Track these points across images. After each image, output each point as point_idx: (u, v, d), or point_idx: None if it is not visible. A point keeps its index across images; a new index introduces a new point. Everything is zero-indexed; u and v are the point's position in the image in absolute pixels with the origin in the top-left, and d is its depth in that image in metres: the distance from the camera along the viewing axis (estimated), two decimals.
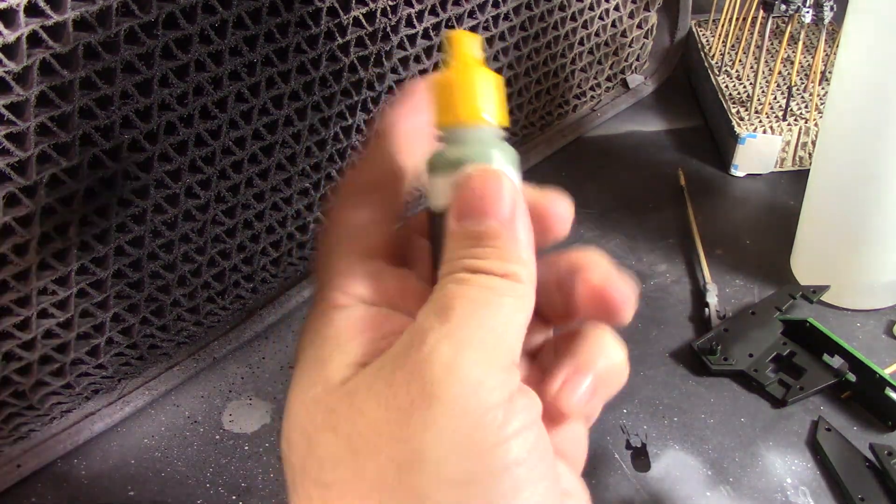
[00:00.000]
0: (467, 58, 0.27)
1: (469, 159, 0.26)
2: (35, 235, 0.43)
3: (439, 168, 0.26)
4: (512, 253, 0.24)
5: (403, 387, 0.22)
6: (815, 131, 0.72)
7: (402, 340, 0.24)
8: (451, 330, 0.23)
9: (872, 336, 0.58)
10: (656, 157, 0.77)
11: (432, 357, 0.22)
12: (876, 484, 0.48)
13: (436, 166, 0.27)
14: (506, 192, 0.25)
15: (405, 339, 0.23)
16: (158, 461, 0.51)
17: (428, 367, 0.22)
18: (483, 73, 0.27)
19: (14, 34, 0.37)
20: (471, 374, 0.22)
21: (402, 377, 0.22)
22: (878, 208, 0.55)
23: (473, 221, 0.25)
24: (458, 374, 0.22)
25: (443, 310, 0.23)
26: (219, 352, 0.57)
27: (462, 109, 0.26)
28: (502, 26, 0.65)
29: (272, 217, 0.57)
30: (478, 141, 0.26)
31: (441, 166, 0.26)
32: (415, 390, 0.22)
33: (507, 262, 0.24)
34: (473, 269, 0.24)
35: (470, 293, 0.23)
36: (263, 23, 0.48)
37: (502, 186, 0.25)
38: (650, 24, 0.82)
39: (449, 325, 0.23)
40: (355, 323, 0.25)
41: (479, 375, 0.22)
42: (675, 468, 0.50)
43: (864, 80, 0.52)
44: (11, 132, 0.39)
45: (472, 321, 0.23)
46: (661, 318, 0.60)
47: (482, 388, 0.22)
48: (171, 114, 0.46)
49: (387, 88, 0.58)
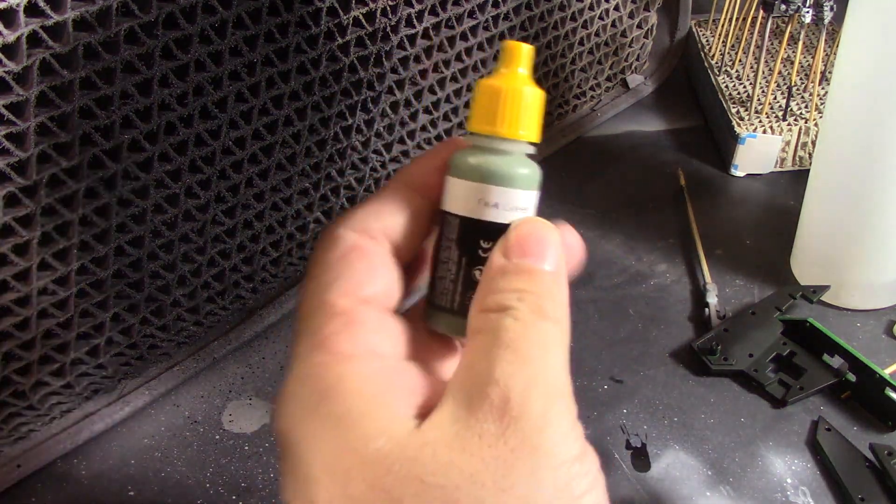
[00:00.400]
0: (517, 70, 0.27)
1: (498, 172, 0.26)
2: (35, 235, 0.43)
3: (462, 171, 0.26)
4: (562, 301, 0.25)
5: (500, 438, 0.22)
6: (815, 131, 0.72)
7: (469, 386, 0.23)
8: (535, 377, 0.23)
9: (872, 336, 0.58)
10: (656, 157, 0.77)
11: (527, 407, 0.22)
12: (876, 484, 0.48)
13: (459, 168, 0.27)
14: (558, 245, 0.26)
15: (477, 385, 0.23)
16: (158, 461, 0.51)
17: (525, 417, 0.22)
18: (530, 88, 0.27)
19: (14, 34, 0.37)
20: (562, 424, 0.23)
21: (496, 428, 0.22)
22: (878, 208, 0.55)
23: (532, 260, 0.25)
24: (553, 424, 0.22)
25: (514, 351, 0.23)
26: (219, 352, 0.57)
27: (499, 119, 0.26)
28: (502, 26, 0.65)
29: (272, 217, 0.57)
30: (506, 155, 0.26)
31: (464, 169, 0.26)
32: (514, 441, 0.22)
33: (560, 308, 0.24)
34: (537, 309, 0.24)
35: (538, 336, 0.23)
36: (263, 23, 0.48)
37: (556, 239, 0.26)
38: (650, 24, 0.82)
39: (529, 371, 0.23)
40: (380, 375, 0.24)
41: (567, 426, 0.23)
42: (675, 468, 0.50)
43: (864, 80, 0.52)
44: (11, 132, 0.39)
45: (549, 368, 0.23)
46: (661, 318, 0.60)
47: (569, 438, 0.23)
48: (171, 114, 0.46)
49: (387, 88, 0.58)
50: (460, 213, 0.26)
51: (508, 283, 0.25)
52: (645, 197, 0.72)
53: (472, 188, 0.26)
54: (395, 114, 0.61)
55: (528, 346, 0.23)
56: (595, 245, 0.67)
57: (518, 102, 0.27)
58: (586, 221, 0.69)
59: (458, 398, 0.23)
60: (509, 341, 0.23)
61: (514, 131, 0.26)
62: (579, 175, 0.75)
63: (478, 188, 0.26)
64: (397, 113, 0.61)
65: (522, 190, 0.26)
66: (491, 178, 0.26)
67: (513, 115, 0.26)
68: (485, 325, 0.24)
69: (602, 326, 0.60)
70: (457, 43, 0.62)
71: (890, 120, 0.51)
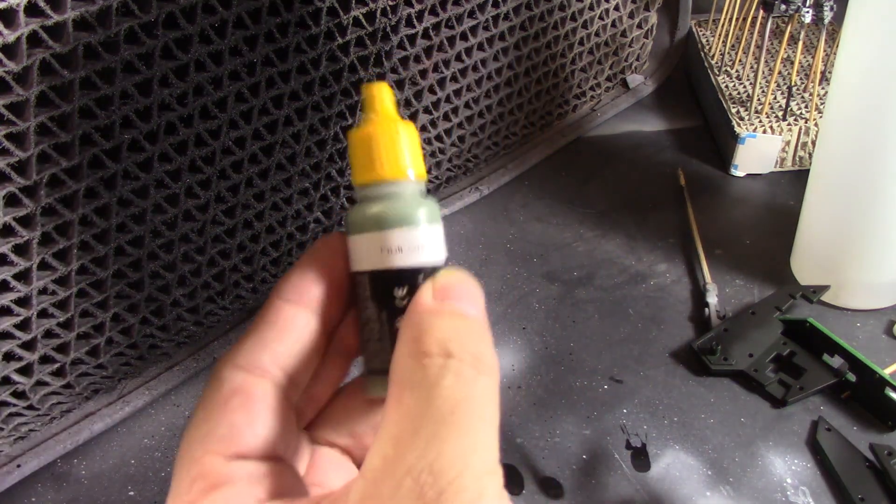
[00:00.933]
0: (384, 110, 0.26)
1: (393, 215, 0.25)
2: (35, 235, 0.43)
3: (357, 225, 0.25)
4: (493, 351, 0.23)
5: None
6: (815, 131, 0.72)
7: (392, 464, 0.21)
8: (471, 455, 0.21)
9: (872, 336, 0.58)
10: (656, 157, 0.77)
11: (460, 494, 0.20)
12: (876, 484, 0.48)
13: (354, 224, 0.25)
14: (481, 294, 0.24)
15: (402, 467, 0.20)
16: (158, 461, 0.51)
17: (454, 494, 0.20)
18: (401, 126, 0.26)
19: (14, 34, 0.37)
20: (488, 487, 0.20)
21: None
22: (878, 208, 0.55)
23: (464, 304, 0.23)
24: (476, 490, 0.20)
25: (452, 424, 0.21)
26: (219, 352, 0.57)
27: (383, 165, 0.25)
28: (502, 26, 0.65)
29: (272, 217, 0.57)
30: (401, 197, 0.25)
31: (359, 223, 0.25)
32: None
33: (493, 358, 0.23)
34: (475, 361, 0.22)
35: (479, 398, 0.21)
36: (263, 23, 0.48)
37: (480, 289, 0.24)
38: (650, 24, 0.82)
39: (466, 445, 0.21)
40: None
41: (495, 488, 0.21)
42: (675, 468, 0.50)
43: (864, 80, 0.52)
44: (11, 132, 0.39)
45: (486, 438, 0.21)
46: (661, 318, 0.60)
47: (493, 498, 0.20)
48: (171, 114, 0.46)
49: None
50: (367, 268, 0.25)
51: (442, 324, 0.23)
52: (645, 197, 0.72)
53: (372, 239, 0.25)
54: None
55: (468, 415, 0.21)
56: (595, 245, 0.67)
57: (393, 141, 0.25)
58: (586, 221, 0.69)
59: (376, 479, 0.21)
60: (448, 410, 0.21)
61: (400, 171, 0.25)
62: (579, 175, 0.75)
63: (377, 237, 0.25)
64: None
65: (423, 226, 0.25)
66: (387, 223, 0.25)
67: (390, 155, 0.25)
68: (416, 377, 0.22)
69: (602, 326, 0.60)
70: (457, 43, 0.62)
71: (890, 120, 0.51)
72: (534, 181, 0.74)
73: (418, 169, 0.26)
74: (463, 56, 0.64)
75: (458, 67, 0.64)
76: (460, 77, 0.65)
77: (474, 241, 0.68)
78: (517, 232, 0.68)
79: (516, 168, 0.75)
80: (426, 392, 0.21)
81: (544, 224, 0.69)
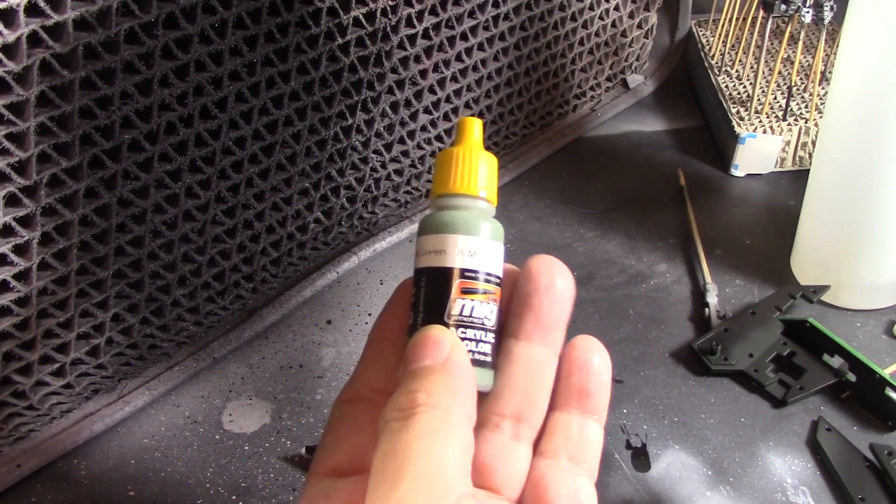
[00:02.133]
0: (471, 139, 0.29)
1: (460, 222, 0.28)
2: (35, 235, 0.43)
3: (428, 229, 0.28)
4: (445, 386, 0.25)
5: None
6: (815, 131, 0.72)
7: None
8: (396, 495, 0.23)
9: (872, 336, 0.58)
10: (656, 157, 0.77)
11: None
12: (876, 484, 0.48)
13: (426, 227, 0.28)
14: (445, 337, 0.26)
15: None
16: (158, 461, 0.51)
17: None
18: (482, 153, 0.29)
19: (14, 34, 0.37)
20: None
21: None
22: (878, 208, 0.55)
23: (413, 364, 0.26)
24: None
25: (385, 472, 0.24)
26: (219, 352, 0.57)
27: (459, 180, 0.29)
28: (502, 26, 0.65)
29: (272, 217, 0.57)
30: (468, 209, 0.29)
31: (430, 227, 0.28)
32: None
33: (438, 395, 0.25)
34: (409, 405, 0.25)
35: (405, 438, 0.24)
36: (263, 23, 0.48)
37: (444, 334, 0.26)
38: (650, 24, 0.82)
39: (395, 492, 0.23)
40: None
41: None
42: (675, 468, 0.50)
43: (864, 80, 0.52)
44: (11, 132, 0.39)
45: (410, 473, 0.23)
46: (661, 318, 0.60)
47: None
48: (171, 114, 0.46)
49: (387, 88, 0.58)
50: (426, 265, 0.28)
51: (398, 389, 0.26)
52: (645, 197, 0.72)
53: (437, 240, 0.28)
54: (395, 114, 0.61)
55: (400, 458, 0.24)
56: (595, 245, 0.67)
57: (471, 162, 0.29)
58: (586, 221, 0.69)
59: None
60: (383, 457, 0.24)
61: (471, 188, 0.29)
62: (579, 175, 0.75)
63: (441, 239, 0.28)
64: (397, 113, 0.61)
65: (484, 237, 0.28)
66: (453, 228, 0.28)
67: (467, 173, 0.29)
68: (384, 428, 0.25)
69: (602, 326, 0.60)
70: (457, 43, 0.62)
71: (890, 120, 0.51)
72: (534, 181, 0.74)
73: (490, 192, 0.29)
74: (463, 56, 0.64)
75: (458, 67, 0.64)
76: (460, 77, 0.65)
77: None
78: (517, 232, 0.69)
79: (516, 168, 0.75)
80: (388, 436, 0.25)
81: (544, 224, 0.69)
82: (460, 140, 0.29)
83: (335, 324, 0.60)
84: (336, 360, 0.57)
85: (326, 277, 0.62)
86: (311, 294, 0.62)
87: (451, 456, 0.24)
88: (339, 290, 0.63)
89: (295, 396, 0.55)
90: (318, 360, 0.57)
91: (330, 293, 0.63)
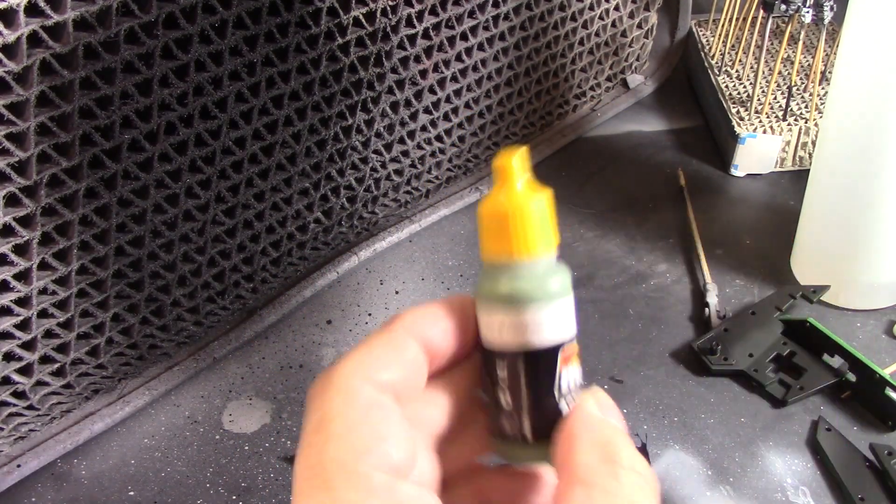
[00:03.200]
0: (516, 183, 0.25)
1: (526, 294, 0.25)
2: (35, 235, 0.43)
3: (494, 302, 0.25)
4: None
5: None
6: (815, 131, 0.72)
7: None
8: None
9: (872, 336, 0.58)
10: (656, 157, 0.77)
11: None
12: (876, 484, 0.48)
13: (490, 300, 0.25)
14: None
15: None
16: (158, 461, 0.51)
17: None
18: (536, 199, 0.25)
19: (14, 34, 0.37)
20: None
21: None
22: (878, 208, 0.55)
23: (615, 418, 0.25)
24: None
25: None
26: (219, 352, 0.57)
27: (517, 244, 0.25)
28: (502, 26, 0.65)
29: (272, 217, 0.57)
30: (534, 275, 0.25)
31: (497, 300, 0.25)
32: None
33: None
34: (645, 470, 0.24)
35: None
36: (263, 23, 0.48)
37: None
38: (650, 24, 0.82)
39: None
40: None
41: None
42: (675, 468, 0.50)
43: (864, 80, 0.52)
44: (11, 132, 0.39)
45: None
46: (661, 318, 0.60)
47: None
48: (171, 114, 0.46)
49: (387, 88, 0.58)
50: (499, 343, 0.25)
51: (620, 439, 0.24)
52: (645, 197, 0.72)
53: (503, 316, 0.25)
54: (395, 114, 0.61)
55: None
56: (595, 245, 0.67)
57: (527, 220, 0.25)
58: (586, 221, 0.69)
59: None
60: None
61: (534, 250, 0.25)
62: (579, 175, 0.75)
63: (507, 315, 0.25)
64: (397, 113, 0.61)
65: (555, 302, 0.25)
66: (518, 301, 0.25)
67: (525, 234, 0.25)
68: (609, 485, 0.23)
69: (602, 326, 0.60)
70: (457, 43, 0.62)
71: (890, 120, 0.51)
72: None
73: (552, 243, 0.25)
74: (463, 56, 0.64)
75: (458, 67, 0.64)
76: (460, 77, 0.65)
77: (474, 241, 0.68)
78: None
79: None
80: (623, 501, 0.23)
81: None
82: (505, 184, 0.25)
83: (335, 324, 0.60)
84: (336, 359, 0.57)
85: (326, 277, 0.62)
86: (311, 294, 0.62)
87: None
88: (339, 290, 0.63)
89: (295, 396, 0.55)
90: (318, 360, 0.57)
91: (330, 293, 0.63)
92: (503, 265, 0.25)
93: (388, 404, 0.24)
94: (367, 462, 0.22)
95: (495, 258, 0.25)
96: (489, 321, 0.25)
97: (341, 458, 0.22)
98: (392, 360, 0.25)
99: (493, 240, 0.25)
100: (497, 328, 0.25)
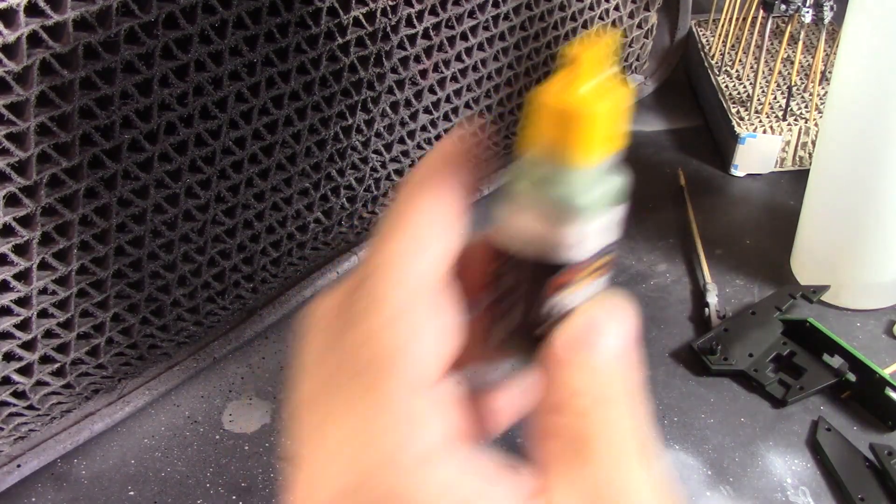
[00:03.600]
0: (587, 82, 0.22)
1: (570, 204, 0.22)
2: (35, 235, 0.43)
3: (529, 203, 0.22)
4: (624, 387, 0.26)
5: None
6: (815, 131, 0.72)
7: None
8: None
9: (872, 336, 0.58)
10: (656, 157, 0.77)
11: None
12: (876, 484, 0.48)
13: (524, 199, 0.22)
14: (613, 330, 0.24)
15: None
16: (158, 461, 0.51)
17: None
18: (609, 101, 0.22)
19: (14, 34, 0.37)
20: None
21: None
22: (878, 208, 0.55)
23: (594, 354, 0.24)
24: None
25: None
26: (219, 352, 0.57)
27: (575, 150, 0.22)
28: (502, 26, 0.65)
29: (272, 217, 0.57)
30: (585, 184, 0.22)
31: (532, 202, 0.22)
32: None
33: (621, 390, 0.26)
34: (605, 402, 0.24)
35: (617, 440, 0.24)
36: (263, 23, 0.48)
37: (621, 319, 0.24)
38: (650, 24, 0.82)
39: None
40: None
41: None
42: (675, 468, 0.50)
43: (864, 80, 0.52)
44: (11, 132, 0.39)
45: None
46: (661, 318, 0.60)
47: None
48: (171, 114, 0.46)
49: (387, 88, 0.58)
50: (530, 252, 0.23)
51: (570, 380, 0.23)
52: (645, 197, 0.72)
53: (542, 223, 0.22)
54: (395, 114, 0.61)
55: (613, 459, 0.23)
56: None
57: (593, 124, 0.21)
58: None
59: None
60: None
61: (592, 159, 0.22)
62: None
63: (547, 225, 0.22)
64: (397, 113, 0.61)
65: (600, 215, 0.23)
66: (564, 213, 0.22)
67: (587, 140, 0.22)
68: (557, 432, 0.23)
69: None
70: (457, 43, 0.62)
71: (890, 120, 0.51)
72: None
73: (613, 146, 0.22)
74: (463, 56, 0.64)
75: (459, 67, 0.64)
76: (460, 77, 0.65)
77: None
78: None
79: None
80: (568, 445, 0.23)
81: None
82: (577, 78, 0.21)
83: None
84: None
85: (326, 277, 0.62)
86: (311, 294, 0.62)
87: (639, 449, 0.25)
88: None
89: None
90: None
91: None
92: (553, 167, 0.22)
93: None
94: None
95: (546, 156, 0.22)
96: (518, 221, 0.23)
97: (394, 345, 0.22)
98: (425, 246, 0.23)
99: (548, 133, 0.22)
100: (525, 230, 0.22)
